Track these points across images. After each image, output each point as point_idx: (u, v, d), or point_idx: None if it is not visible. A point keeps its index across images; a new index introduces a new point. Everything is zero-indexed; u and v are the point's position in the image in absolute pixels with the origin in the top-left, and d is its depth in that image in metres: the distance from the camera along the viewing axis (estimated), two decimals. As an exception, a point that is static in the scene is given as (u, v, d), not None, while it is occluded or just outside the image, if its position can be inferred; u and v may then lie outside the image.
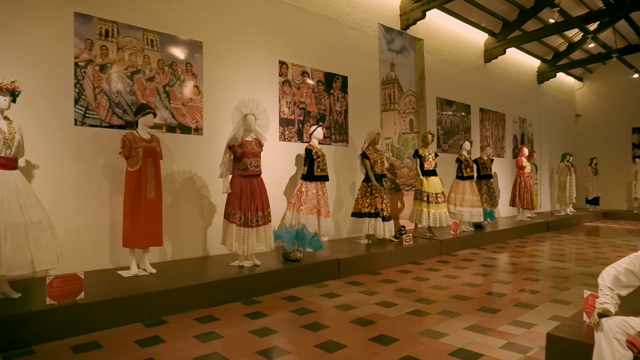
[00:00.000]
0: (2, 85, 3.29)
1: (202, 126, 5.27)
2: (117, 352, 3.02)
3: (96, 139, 4.47)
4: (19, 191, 3.33)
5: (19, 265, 3.19)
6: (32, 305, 3.27)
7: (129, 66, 4.66)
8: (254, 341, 3.22)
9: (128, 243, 4.21)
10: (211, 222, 5.39)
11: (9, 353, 2.96)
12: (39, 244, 3.32)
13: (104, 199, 4.54)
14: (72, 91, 4.29)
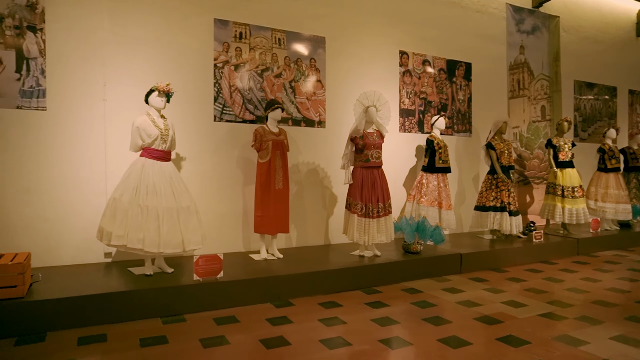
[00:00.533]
0: (160, 88, 3.78)
1: (324, 119, 5.47)
2: (252, 327, 3.31)
3: (231, 133, 4.91)
4: (172, 180, 3.82)
5: (173, 244, 3.67)
6: (182, 280, 3.73)
7: (259, 64, 5.01)
8: (375, 329, 3.29)
9: (259, 229, 4.57)
10: (333, 212, 5.58)
11: (166, 319, 3.43)
12: (188, 226, 3.78)
13: (238, 188, 4.98)
14: (212, 90, 4.77)
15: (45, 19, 4.04)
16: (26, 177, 4.01)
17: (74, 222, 4.19)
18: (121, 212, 3.59)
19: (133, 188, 3.65)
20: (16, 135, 3.96)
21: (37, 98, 4.01)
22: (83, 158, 4.22)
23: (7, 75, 3.90)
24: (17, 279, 3.15)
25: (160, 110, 3.90)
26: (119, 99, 4.33)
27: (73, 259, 4.21)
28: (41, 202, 4.07)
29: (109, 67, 4.29)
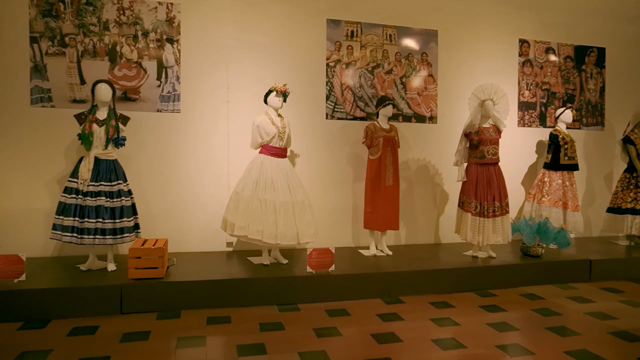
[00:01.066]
0: (278, 88, 4.01)
1: (436, 114, 5.32)
2: (363, 321, 3.36)
3: (342, 130, 5.01)
4: (288, 176, 4.03)
5: (288, 236, 3.88)
6: (296, 271, 3.92)
7: (370, 62, 5.04)
8: (491, 334, 3.13)
9: (368, 225, 4.62)
10: (443, 210, 5.42)
11: (282, 307, 3.64)
12: (302, 220, 3.96)
13: (348, 184, 5.07)
14: (324, 89, 4.92)
15: (181, 31, 4.52)
16: (164, 172, 4.53)
17: (201, 213, 4.63)
18: (243, 205, 3.88)
19: (253, 183, 3.93)
20: (155, 135, 4.50)
21: (172, 102, 4.50)
22: (210, 155, 4.64)
23: (150, 83, 4.44)
24: (158, 261, 3.58)
25: (278, 110, 4.13)
26: (240, 100, 4.68)
27: (200, 247, 4.65)
28: (175, 194, 4.57)
29: (232, 71, 4.66)
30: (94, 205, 3.63)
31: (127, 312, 3.43)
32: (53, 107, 4.26)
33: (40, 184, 4.27)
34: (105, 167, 3.74)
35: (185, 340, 2.96)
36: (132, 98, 4.40)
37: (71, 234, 3.60)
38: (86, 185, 3.65)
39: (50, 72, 4.23)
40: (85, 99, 4.30)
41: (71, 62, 4.27)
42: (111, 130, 3.72)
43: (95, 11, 4.31)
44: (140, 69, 4.41)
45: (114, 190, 3.73)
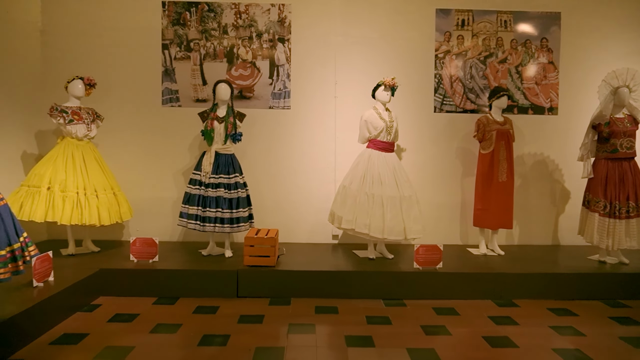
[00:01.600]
0: (386, 82, 3.99)
1: (557, 105, 4.88)
2: (473, 322, 3.23)
3: (451, 123, 4.83)
4: (395, 170, 3.99)
5: (395, 231, 3.85)
6: (402, 267, 3.89)
7: (482, 51, 4.78)
8: (626, 350, 2.81)
9: (478, 223, 4.40)
10: (564, 209, 4.96)
11: (388, 301, 3.64)
12: (410, 215, 3.91)
13: (456, 180, 4.88)
14: (432, 81, 4.78)
15: (291, 30, 4.70)
16: (274, 166, 4.78)
17: (309, 205, 4.80)
18: (350, 199, 3.94)
19: (360, 177, 3.96)
20: (267, 131, 4.74)
21: (283, 99, 4.71)
22: (317, 150, 4.78)
23: (263, 81, 4.70)
24: (270, 250, 3.79)
25: (386, 104, 4.11)
26: (347, 96, 4.75)
27: (307, 238, 4.82)
28: (285, 187, 4.79)
29: (339, 67, 4.74)
30: (214, 196, 3.95)
31: (243, 296, 3.68)
32: (180, 107, 4.71)
33: (168, 175, 4.77)
34: (224, 161, 4.04)
35: (296, 326, 3.10)
36: (247, 96, 4.69)
37: (195, 221, 3.96)
38: (208, 177, 3.98)
39: (178, 75, 4.68)
40: (207, 98, 4.68)
41: (195, 65, 4.68)
42: (230, 127, 4.01)
43: (215, 17, 4.66)
44: (254, 68, 4.69)
45: (231, 182, 4.02)
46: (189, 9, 4.65)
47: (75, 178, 3.90)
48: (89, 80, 4.08)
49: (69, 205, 3.80)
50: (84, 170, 3.97)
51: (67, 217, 3.76)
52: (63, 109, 3.97)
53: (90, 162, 4.03)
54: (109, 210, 4.03)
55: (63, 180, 3.84)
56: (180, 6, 4.65)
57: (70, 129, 3.97)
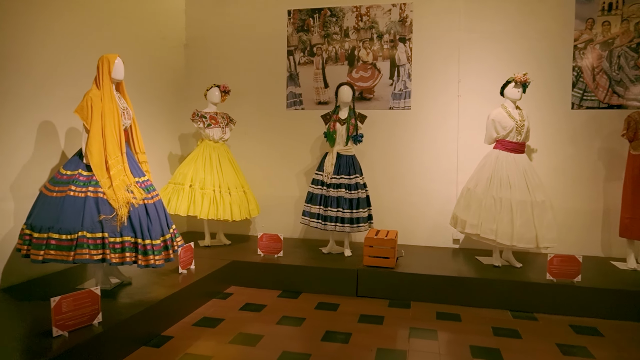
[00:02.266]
0: (517, 79, 3.72)
1: None
2: (621, 346, 2.86)
3: (592, 121, 4.33)
4: (526, 173, 3.71)
5: (526, 239, 3.57)
6: (532, 277, 3.59)
7: (635, 37, 4.20)
8: None
9: (626, 233, 3.88)
10: None
11: (516, 313, 3.39)
12: (542, 222, 3.60)
13: (598, 184, 4.36)
14: (570, 75, 4.33)
15: (413, 29, 4.63)
16: (394, 167, 4.75)
17: (429, 208, 4.68)
18: (475, 202, 3.75)
19: (487, 179, 3.75)
20: (387, 132, 4.73)
21: (404, 99, 4.66)
22: (438, 150, 4.64)
23: (383, 82, 4.70)
24: (390, 252, 3.77)
25: (516, 102, 3.84)
26: (471, 94, 4.53)
27: (425, 241, 4.71)
28: (405, 188, 4.73)
29: (463, 64, 4.54)
30: (336, 196, 4.05)
31: (362, 296, 3.72)
32: (303, 110, 4.92)
33: (291, 175, 5.02)
34: (345, 162, 4.13)
35: (417, 331, 3.05)
36: (367, 97, 4.73)
37: (317, 220, 4.11)
38: (329, 177, 4.10)
39: (301, 79, 4.90)
40: (328, 100, 4.83)
41: (317, 68, 4.85)
42: (351, 128, 4.08)
43: (337, 21, 4.78)
44: (374, 69, 4.71)
45: (352, 183, 4.09)
46: (312, 15, 4.84)
47: (212, 177, 4.30)
48: (224, 87, 4.47)
49: (207, 201, 4.20)
50: (219, 169, 4.36)
51: (205, 212, 4.17)
52: (203, 115, 4.40)
53: (224, 163, 4.42)
54: (240, 207, 4.37)
55: (202, 179, 4.27)
56: (305, 13, 4.86)
57: (208, 133, 4.39)
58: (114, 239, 2.80)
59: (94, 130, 2.87)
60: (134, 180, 2.98)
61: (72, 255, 2.70)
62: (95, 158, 2.85)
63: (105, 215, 2.78)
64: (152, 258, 2.89)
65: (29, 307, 2.76)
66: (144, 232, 2.88)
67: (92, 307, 2.46)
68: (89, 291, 2.45)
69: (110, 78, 2.99)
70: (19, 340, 2.33)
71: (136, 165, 3.11)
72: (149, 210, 2.97)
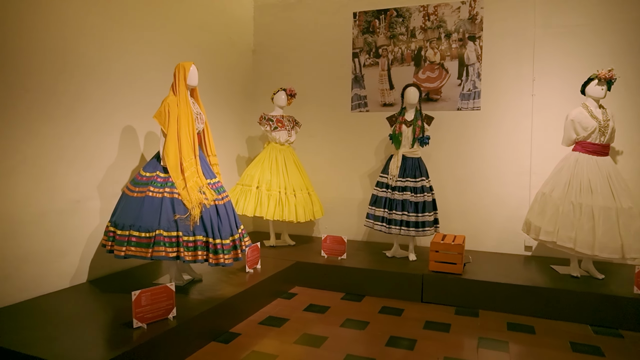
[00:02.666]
0: (601, 75, 3.46)
1: None
2: None
3: (689, 120, 3.92)
4: (610, 177, 3.43)
5: (610, 248, 3.30)
6: (616, 290, 3.31)
7: None
8: None
9: None
10: None
11: (597, 328, 3.15)
12: (629, 230, 3.31)
13: (695, 190, 3.94)
14: (663, 70, 3.95)
15: (483, 27, 4.45)
16: (461, 170, 4.59)
17: (499, 212, 4.47)
18: (551, 208, 3.53)
19: (565, 184, 3.51)
20: (454, 133, 4.59)
21: (472, 99, 4.49)
22: (510, 153, 4.42)
23: (451, 82, 4.56)
24: (457, 257, 3.65)
25: (599, 100, 3.57)
26: (547, 93, 4.27)
27: (494, 247, 4.50)
28: (473, 192, 4.56)
29: (537, 62, 4.29)
30: (401, 199, 3.99)
31: (427, 301, 3.63)
32: (367, 112, 4.90)
33: (355, 177, 5.01)
34: (411, 164, 4.05)
35: (487, 341, 2.92)
36: (433, 98, 4.62)
37: (381, 223, 4.07)
38: (395, 180, 4.04)
39: (367, 80, 4.87)
40: (393, 102, 4.77)
41: (382, 70, 4.81)
42: (417, 130, 4.00)
43: (404, 21, 4.71)
44: (442, 69, 4.58)
45: (417, 186, 4.00)
46: (378, 16, 4.80)
47: (278, 179, 4.39)
48: (291, 91, 4.55)
49: (272, 202, 4.30)
50: (284, 171, 4.45)
51: (271, 213, 4.27)
52: (270, 118, 4.51)
53: (290, 165, 4.50)
54: (305, 208, 4.43)
55: (269, 181, 4.37)
56: (370, 15, 4.83)
57: (274, 135, 4.50)
58: (187, 237, 2.94)
59: (170, 134, 3.04)
60: (206, 182, 3.12)
61: (150, 252, 2.87)
62: (171, 160, 3.02)
63: (179, 215, 2.93)
64: (221, 257, 3.00)
65: (112, 298, 2.98)
66: (214, 232, 3.01)
67: (168, 301, 2.60)
68: (165, 287, 2.59)
69: (186, 84, 3.15)
70: (103, 329, 2.51)
71: (208, 168, 3.25)
72: (220, 211, 3.09)
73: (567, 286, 3.38)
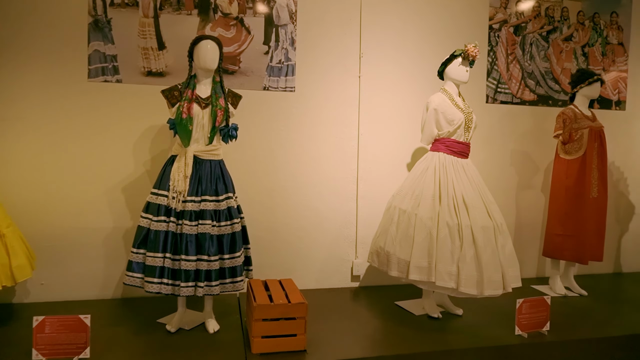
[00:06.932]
0: (470, 52, 2.60)
1: (624, 98, 3.88)
2: None
3: (505, 118, 3.59)
4: (479, 186, 2.64)
5: (494, 282, 2.43)
6: (492, 332, 2.56)
7: (545, 24, 3.62)
8: None
9: (557, 253, 3.24)
10: (628, 228, 3.99)
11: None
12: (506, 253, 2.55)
13: (510, 194, 3.66)
14: (485, 61, 3.51)
15: (297, -26, 3.14)
16: (268, 178, 3.16)
17: (320, 234, 3.27)
18: (420, 232, 2.50)
19: (431, 197, 2.54)
20: (259, 124, 3.11)
21: (285, 76, 3.12)
22: (334, 153, 3.25)
23: (255, 48, 3.05)
24: (299, 325, 2.25)
25: (460, 86, 2.75)
26: (377, 74, 3.29)
27: (316, 281, 3.31)
28: (282, 208, 3.19)
29: (366, 33, 3.26)
30: (194, 233, 2.30)
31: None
32: (119, 83, 2.92)
33: (99, 194, 2.93)
34: (209, 172, 2.41)
35: None
36: (229, 70, 3.05)
37: (159, 279, 2.29)
38: (180, 200, 2.32)
39: (117, 31, 2.88)
40: (165, 70, 2.96)
41: (145, 17, 2.93)
42: (220, 115, 2.38)
43: (177, -56, 2.96)
44: (241, 28, 3.06)
45: (221, 207, 2.40)
46: None
47: None
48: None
49: None
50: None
51: None
52: None
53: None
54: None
55: None
56: None
57: None
58: None
59: None
60: None
61: None
62: None
63: None
64: None
65: None
66: None
67: None
68: None
69: None
70: None
71: None
72: None
73: (437, 341, 2.41)
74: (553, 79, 3.65)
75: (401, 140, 3.33)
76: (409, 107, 3.32)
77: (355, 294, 3.21)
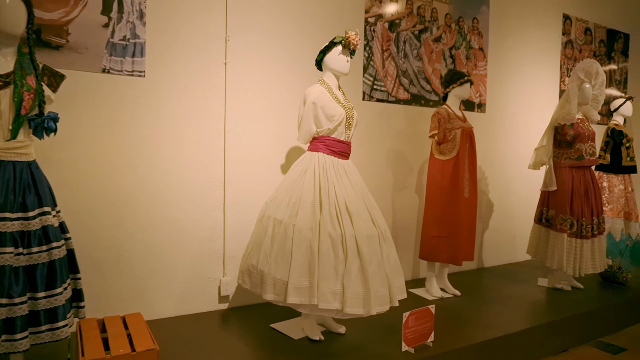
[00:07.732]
0: (351, 39, 2.30)
1: (485, 101, 4.06)
2: None
3: (381, 117, 3.45)
4: (362, 190, 2.38)
5: (381, 298, 2.18)
6: (377, 349, 2.33)
7: (417, 23, 3.58)
8: None
9: (433, 255, 3.20)
10: (488, 225, 4.20)
11: None
12: (391, 264, 2.33)
13: (386, 195, 3.54)
14: (362, 55, 3.31)
15: None
16: (110, 184, 2.52)
17: (181, 250, 2.73)
18: (299, 246, 2.12)
19: (310, 204, 2.20)
20: (95, 115, 2.45)
21: (131, 57, 2.50)
22: (196, 152, 2.73)
23: (90, 17, 2.39)
24: (145, 374, 1.71)
25: (340, 78, 2.46)
26: (246, 61, 2.85)
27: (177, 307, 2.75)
28: (133, 221, 2.59)
29: (233, 13, 2.80)
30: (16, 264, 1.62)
31: None
32: None
33: None
34: (11, 178, 1.72)
35: None
36: (52, 42, 2.32)
37: None
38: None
39: None
40: (-51, 37, 2.12)
41: None
42: (27, 99, 1.72)
43: None
44: (68, -11, 2.36)
45: (33, 227, 1.74)
46: None
47: None
48: None
49: None
50: None
51: None
52: None
53: None
54: None
55: None
56: None
57: None
58: None
59: None
60: None
61: None
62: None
63: None
64: None
65: None
66: None
67: None
68: None
69: None
70: None
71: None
72: None
73: (325, 367, 2.11)
74: (425, 79, 3.63)
75: (275, 138, 2.96)
76: (283, 100, 2.96)
77: (224, 318, 2.75)
